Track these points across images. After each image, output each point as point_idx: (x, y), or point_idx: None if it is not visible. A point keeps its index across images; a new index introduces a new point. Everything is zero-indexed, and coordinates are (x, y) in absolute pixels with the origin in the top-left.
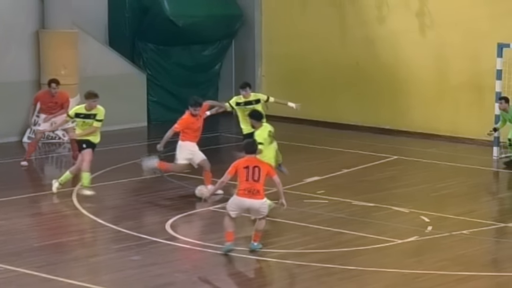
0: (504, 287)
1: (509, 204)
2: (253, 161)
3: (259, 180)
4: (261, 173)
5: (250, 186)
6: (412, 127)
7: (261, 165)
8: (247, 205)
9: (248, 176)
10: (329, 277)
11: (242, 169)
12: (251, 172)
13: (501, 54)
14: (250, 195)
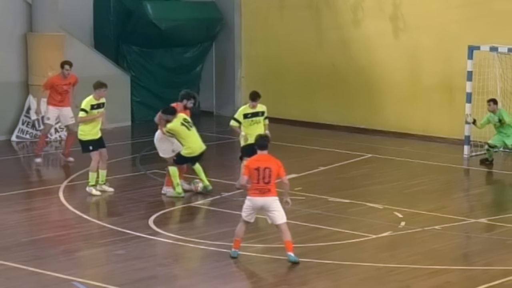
0: (474, 280)
1: (479, 201)
2: (264, 160)
3: (270, 183)
4: (272, 174)
5: (260, 187)
6: (386, 126)
7: (271, 166)
8: (260, 203)
9: (259, 179)
10: (306, 271)
11: (253, 171)
12: (262, 174)
13: (472, 56)
14: (261, 194)
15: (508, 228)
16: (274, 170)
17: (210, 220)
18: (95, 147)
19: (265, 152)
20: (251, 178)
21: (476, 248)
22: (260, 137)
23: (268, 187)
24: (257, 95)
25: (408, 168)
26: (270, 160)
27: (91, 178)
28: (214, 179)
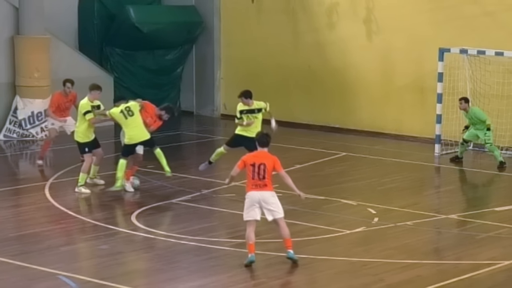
0: (444, 274)
1: (449, 197)
2: (260, 157)
3: (264, 178)
4: (267, 170)
5: (256, 183)
6: (360, 125)
7: (266, 162)
8: (258, 197)
9: (254, 174)
10: (283, 265)
11: (249, 166)
12: (257, 170)
13: (442, 58)
14: (258, 188)
15: (477, 224)
16: (268, 166)
17: (190, 216)
18: (91, 149)
19: (265, 149)
20: (247, 174)
21: (447, 243)
22: (262, 134)
23: (264, 182)
24: (245, 93)
25: (381, 166)
26: (267, 156)
27: (81, 178)
28: (194, 176)
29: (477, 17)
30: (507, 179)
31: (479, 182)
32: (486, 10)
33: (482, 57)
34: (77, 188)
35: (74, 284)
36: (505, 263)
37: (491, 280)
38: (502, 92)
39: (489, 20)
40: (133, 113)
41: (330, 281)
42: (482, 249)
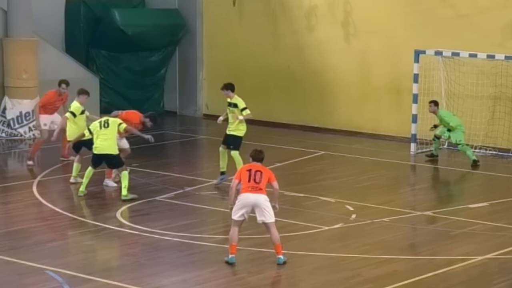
0: (420, 269)
1: (424, 195)
2: (256, 166)
3: (260, 182)
4: (263, 176)
5: (252, 185)
6: (338, 125)
7: (263, 170)
8: (253, 200)
9: (250, 178)
10: (263, 260)
11: (244, 172)
12: (253, 174)
13: (418, 60)
14: (254, 191)
15: (451, 220)
16: (265, 174)
17: (173, 213)
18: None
19: (259, 164)
20: (242, 179)
21: (422, 239)
22: (256, 151)
23: (259, 187)
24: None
25: (358, 164)
26: (262, 167)
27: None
28: (177, 174)
29: (452, 20)
30: (480, 177)
31: (453, 180)
32: (460, 13)
33: (456, 58)
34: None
35: (61, 278)
36: (479, 258)
37: (465, 274)
38: (476, 92)
39: (463, 23)
40: (109, 125)
41: (309, 276)
42: (456, 245)
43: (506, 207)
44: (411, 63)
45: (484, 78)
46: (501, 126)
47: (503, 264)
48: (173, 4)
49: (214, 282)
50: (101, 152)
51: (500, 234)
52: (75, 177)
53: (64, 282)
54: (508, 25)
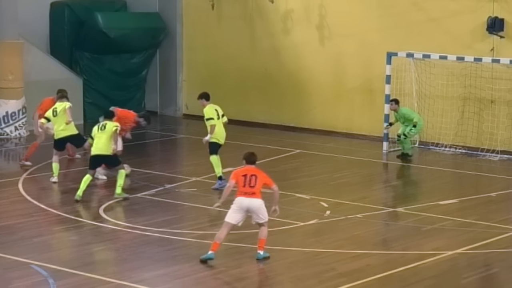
0: (392, 263)
1: (396, 192)
2: (251, 170)
3: (255, 187)
4: (257, 180)
5: (246, 190)
6: (313, 124)
7: (258, 174)
8: (246, 204)
9: (245, 183)
10: (241, 255)
11: (240, 177)
12: (248, 179)
13: (390, 62)
14: (247, 195)
15: (422, 217)
16: (259, 178)
17: (154, 209)
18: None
19: (253, 166)
20: (237, 184)
21: (394, 234)
22: (249, 153)
23: (253, 191)
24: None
25: (333, 163)
26: (257, 171)
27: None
28: (158, 172)
29: (423, 23)
30: (450, 175)
31: (424, 178)
32: (431, 17)
33: (427, 60)
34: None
35: (46, 272)
36: (449, 253)
37: (435, 269)
38: (446, 93)
39: (433, 26)
40: (105, 128)
41: (286, 270)
42: (427, 240)
43: (475, 204)
44: (383, 65)
45: (454, 79)
46: (470, 126)
47: (472, 259)
48: (154, 8)
49: (194, 276)
50: (95, 153)
51: (469, 229)
52: (56, 176)
53: (49, 276)
54: (477, 28)
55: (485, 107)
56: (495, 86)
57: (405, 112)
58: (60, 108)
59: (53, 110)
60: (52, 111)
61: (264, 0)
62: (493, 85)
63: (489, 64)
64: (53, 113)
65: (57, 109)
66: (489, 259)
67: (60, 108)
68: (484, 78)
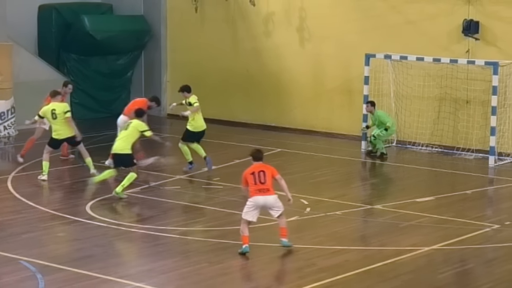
0: (370, 259)
1: (374, 189)
2: (258, 166)
3: (266, 182)
4: (267, 175)
5: (259, 187)
6: (294, 124)
7: (265, 169)
8: (262, 201)
9: (255, 180)
10: (224, 251)
11: (249, 175)
12: (257, 176)
13: (368, 63)
14: (262, 193)
15: (400, 214)
16: (268, 172)
17: (140, 206)
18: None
19: (260, 163)
20: (249, 183)
21: (372, 231)
22: (256, 150)
23: (266, 187)
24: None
25: (312, 161)
26: (264, 166)
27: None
28: (144, 170)
29: (400, 25)
30: (427, 173)
31: (401, 176)
32: (408, 19)
33: (404, 62)
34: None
35: (34, 268)
36: (425, 249)
37: (412, 264)
38: (423, 93)
39: (411, 28)
40: (128, 128)
41: (267, 265)
42: (405, 236)
43: (450, 201)
44: (362, 66)
45: (431, 80)
46: (446, 125)
47: (448, 255)
48: (139, 11)
49: (178, 271)
50: (114, 151)
51: (445, 226)
52: (45, 174)
53: (37, 271)
54: (453, 30)
55: (460, 107)
56: (471, 87)
57: (380, 115)
58: (59, 110)
59: (51, 112)
60: (51, 113)
61: (246, 3)
62: (469, 86)
63: (464, 65)
64: (52, 115)
65: (56, 111)
66: (465, 255)
67: (59, 111)
68: (460, 79)
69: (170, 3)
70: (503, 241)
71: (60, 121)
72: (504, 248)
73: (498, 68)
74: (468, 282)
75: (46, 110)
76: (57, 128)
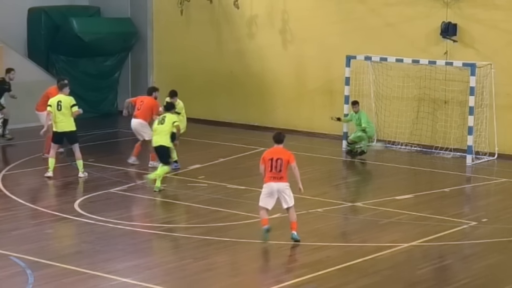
0: (351, 255)
1: (355, 187)
2: (277, 152)
3: (281, 171)
4: (283, 164)
5: (274, 175)
6: (276, 123)
7: (283, 156)
8: (275, 188)
9: (272, 167)
10: (208, 247)
11: (267, 161)
12: (275, 164)
13: (349, 64)
14: (275, 180)
15: (379, 211)
16: (284, 161)
17: (126, 204)
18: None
19: (280, 145)
20: (265, 168)
21: (353, 227)
22: (277, 132)
23: (281, 175)
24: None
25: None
26: (283, 152)
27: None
28: (130, 169)
29: (380, 28)
30: (406, 171)
31: (381, 174)
32: (387, 22)
33: (384, 63)
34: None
35: (24, 263)
36: (405, 245)
37: (392, 260)
38: (402, 94)
39: (390, 30)
40: (164, 122)
41: (250, 261)
42: (384, 233)
43: (429, 199)
44: (343, 67)
45: (410, 81)
46: (425, 125)
47: (427, 251)
48: (126, 13)
49: (163, 267)
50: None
51: (424, 223)
52: (51, 171)
53: (27, 267)
54: (431, 32)
55: (438, 107)
56: (448, 88)
57: (362, 116)
58: (65, 102)
59: (57, 103)
60: (57, 104)
61: (230, 6)
62: (447, 86)
63: (442, 66)
64: (57, 106)
65: (61, 103)
66: (443, 251)
67: (65, 103)
68: (438, 80)
69: (156, 6)
70: (480, 237)
71: (63, 113)
72: (481, 245)
73: (476, 69)
74: (446, 278)
75: (53, 101)
76: (59, 120)
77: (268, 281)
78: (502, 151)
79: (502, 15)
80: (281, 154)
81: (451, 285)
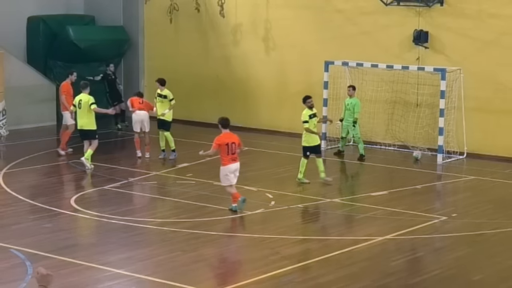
0: (329, 247)
1: (333, 184)
2: (230, 137)
3: (235, 153)
4: (236, 146)
5: (232, 157)
6: (260, 125)
7: (235, 140)
8: (234, 168)
9: (228, 151)
10: (196, 240)
11: (224, 146)
12: (231, 147)
13: (327, 69)
14: (234, 161)
15: (356, 206)
16: (237, 143)
17: (119, 200)
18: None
19: (227, 130)
20: (222, 151)
21: (331, 222)
22: (223, 118)
23: (235, 156)
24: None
25: (277, 159)
26: (233, 136)
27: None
28: (123, 167)
29: (356, 35)
30: (381, 169)
31: (357, 172)
32: (363, 30)
33: (360, 68)
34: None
35: (23, 256)
36: (379, 238)
37: (368, 252)
38: (377, 97)
39: (366, 38)
40: (83, 105)
41: (235, 253)
42: (361, 227)
43: (402, 195)
44: (322, 72)
45: (384, 85)
46: (398, 126)
47: (400, 244)
48: (119, 22)
49: (154, 259)
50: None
51: (398, 218)
52: (89, 163)
53: (26, 259)
54: (404, 40)
55: (411, 109)
56: (420, 91)
57: (357, 103)
58: (85, 101)
59: (78, 102)
60: (78, 103)
61: (216, 15)
62: (418, 90)
63: (415, 71)
64: (78, 105)
65: (82, 101)
66: (415, 244)
67: (85, 101)
68: (411, 84)
69: (147, 14)
70: (450, 231)
71: (83, 111)
72: (451, 238)
73: (446, 74)
74: (419, 269)
75: (75, 101)
76: (80, 117)
77: (252, 272)
78: (471, 150)
79: (471, 24)
80: (234, 139)
81: (423, 276)
